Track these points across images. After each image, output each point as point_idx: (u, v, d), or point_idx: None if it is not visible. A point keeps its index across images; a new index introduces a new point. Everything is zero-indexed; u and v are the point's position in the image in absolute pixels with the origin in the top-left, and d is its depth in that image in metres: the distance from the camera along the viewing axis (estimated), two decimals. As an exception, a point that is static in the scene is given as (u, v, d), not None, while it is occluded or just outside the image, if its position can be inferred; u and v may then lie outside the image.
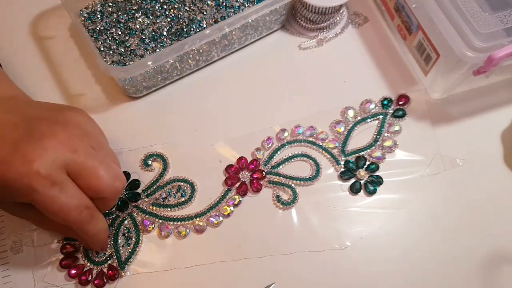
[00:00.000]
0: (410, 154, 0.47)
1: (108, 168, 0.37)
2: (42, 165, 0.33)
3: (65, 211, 0.34)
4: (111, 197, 0.37)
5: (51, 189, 0.33)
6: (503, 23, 0.42)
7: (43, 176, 0.33)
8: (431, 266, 0.42)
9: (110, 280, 0.41)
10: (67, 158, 0.34)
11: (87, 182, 0.35)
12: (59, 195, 0.34)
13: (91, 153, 0.36)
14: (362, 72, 0.51)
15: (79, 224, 0.36)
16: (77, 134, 0.36)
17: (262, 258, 0.42)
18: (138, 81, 0.47)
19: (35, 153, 0.33)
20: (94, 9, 0.50)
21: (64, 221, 0.35)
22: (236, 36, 0.49)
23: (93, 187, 0.36)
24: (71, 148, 0.35)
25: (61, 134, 0.35)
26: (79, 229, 0.36)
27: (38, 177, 0.33)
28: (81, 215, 0.35)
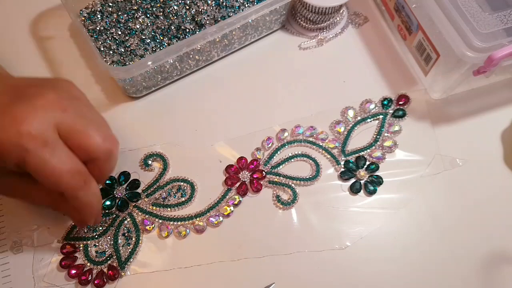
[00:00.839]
0: (410, 154, 0.47)
1: (98, 127, 0.36)
2: (33, 124, 0.32)
3: (57, 174, 0.33)
4: (103, 157, 0.36)
5: (43, 149, 0.32)
6: (503, 23, 0.42)
7: (34, 136, 0.32)
8: (431, 266, 0.42)
9: (110, 280, 0.41)
10: (57, 117, 0.34)
11: (78, 141, 0.34)
12: (51, 156, 0.33)
13: (81, 113, 0.35)
14: (362, 72, 0.51)
15: (71, 189, 0.34)
16: (66, 96, 0.36)
17: (262, 258, 0.42)
18: (138, 81, 0.47)
19: (25, 113, 0.33)
20: (94, 9, 0.50)
21: (55, 184, 0.34)
22: (236, 36, 0.49)
23: (84, 146, 0.34)
24: (60, 107, 0.34)
25: (50, 95, 0.34)
26: (71, 195, 0.35)
27: (29, 137, 0.32)
28: (74, 179, 0.34)
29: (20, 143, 0.32)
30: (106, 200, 0.44)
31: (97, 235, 0.43)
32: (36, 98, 0.34)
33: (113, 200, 0.44)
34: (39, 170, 0.33)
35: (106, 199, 0.44)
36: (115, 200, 0.44)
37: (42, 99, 0.34)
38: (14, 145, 0.32)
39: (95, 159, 0.35)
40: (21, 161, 0.32)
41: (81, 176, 0.35)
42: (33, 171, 0.33)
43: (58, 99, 0.34)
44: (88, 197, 0.36)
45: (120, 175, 0.45)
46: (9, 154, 0.32)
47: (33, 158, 0.32)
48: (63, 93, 0.36)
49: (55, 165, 0.33)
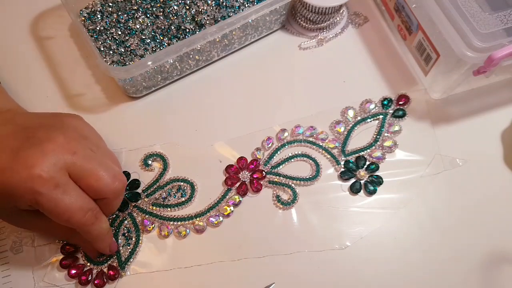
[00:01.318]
0: (410, 154, 0.47)
1: (107, 168, 0.37)
2: (44, 168, 0.34)
3: (70, 213, 0.35)
4: (112, 197, 0.38)
5: (54, 191, 0.34)
6: (503, 23, 0.42)
7: (45, 179, 0.34)
8: (431, 266, 0.42)
9: (110, 280, 0.41)
10: (67, 160, 0.35)
11: (88, 183, 0.36)
12: (63, 196, 0.34)
13: (90, 155, 0.37)
14: (362, 72, 0.51)
15: (83, 225, 0.36)
16: (75, 137, 0.37)
17: (262, 258, 0.42)
18: (138, 81, 0.47)
19: (36, 158, 0.34)
20: (94, 9, 0.50)
21: (68, 222, 0.35)
22: (236, 36, 0.49)
23: (94, 188, 0.36)
24: (70, 150, 0.35)
25: (59, 138, 0.36)
26: (83, 231, 0.37)
27: (40, 180, 0.33)
28: (85, 216, 0.36)
29: (32, 187, 0.33)
30: (106, 200, 0.44)
31: (97, 235, 0.43)
32: (45, 142, 0.35)
33: (113, 200, 0.44)
34: (52, 210, 0.34)
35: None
36: (115, 200, 0.44)
37: (51, 143, 0.35)
38: (27, 189, 0.33)
39: (105, 198, 0.37)
40: (33, 202, 0.34)
41: (93, 212, 0.36)
42: (46, 211, 0.35)
43: (67, 141, 0.36)
44: (99, 230, 0.38)
45: (120, 175, 0.45)
46: (22, 196, 0.34)
47: (45, 199, 0.34)
48: (72, 134, 0.37)
49: (67, 205, 0.34)
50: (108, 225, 0.39)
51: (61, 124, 0.38)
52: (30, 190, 0.33)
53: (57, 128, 0.37)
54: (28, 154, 0.34)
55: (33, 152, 0.34)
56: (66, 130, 0.37)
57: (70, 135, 0.37)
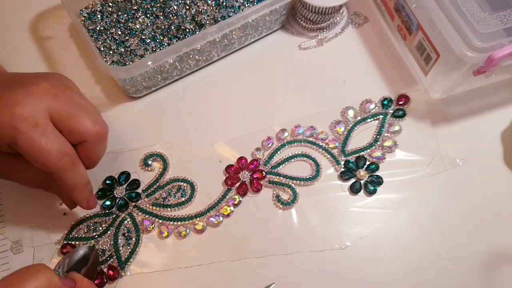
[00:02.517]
0: (410, 154, 0.47)
1: (89, 113, 0.38)
2: (25, 107, 0.35)
3: (46, 154, 0.35)
4: (93, 140, 0.38)
5: (33, 130, 0.34)
6: (503, 23, 0.42)
7: (26, 117, 0.34)
8: (431, 266, 0.42)
9: (110, 280, 0.41)
10: (49, 103, 0.36)
11: (69, 125, 0.36)
12: (41, 137, 0.35)
13: (72, 100, 0.38)
14: (362, 72, 0.51)
15: (58, 170, 0.36)
16: (59, 85, 0.38)
17: (262, 258, 0.42)
18: (138, 81, 0.47)
19: (19, 97, 0.35)
20: (94, 9, 0.50)
21: (44, 165, 0.35)
22: (236, 36, 0.49)
23: (74, 130, 0.37)
24: (53, 94, 0.36)
25: (43, 83, 0.37)
26: (58, 176, 0.37)
27: (21, 118, 0.34)
28: (61, 160, 0.36)
29: (13, 124, 0.34)
30: (106, 200, 0.44)
31: (97, 235, 0.43)
32: (29, 85, 0.36)
33: (113, 200, 0.44)
34: (29, 149, 0.35)
35: (106, 199, 0.44)
36: (115, 200, 0.44)
37: (35, 86, 0.36)
38: (7, 126, 0.34)
39: (85, 142, 0.38)
40: (12, 141, 0.35)
41: (69, 158, 0.36)
42: (23, 151, 0.35)
43: (51, 87, 0.37)
44: (75, 178, 0.37)
45: (120, 175, 0.45)
46: (2, 133, 0.34)
47: (23, 138, 0.34)
48: (55, 82, 0.38)
49: (44, 145, 0.35)
50: (86, 176, 0.39)
51: (46, 75, 0.39)
52: (10, 127, 0.34)
53: (42, 76, 0.38)
54: (11, 93, 0.35)
55: (17, 93, 0.35)
56: (51, 79, 0.38)
57: (54, 83, 0.38)
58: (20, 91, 0.35)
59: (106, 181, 0.45)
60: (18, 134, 0.34)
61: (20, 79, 0.38)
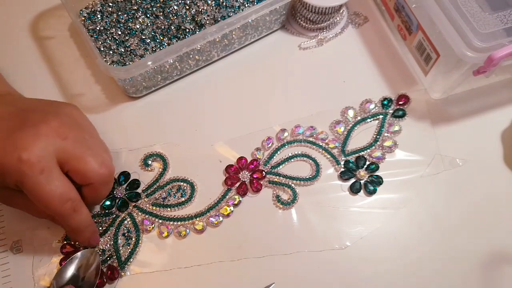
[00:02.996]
0: (410, 154, 0.47)
1: (96, 154, 0.38)
2: (33, 151, 0.35)
3: (48, 200, 0.36)
4: (98, 183, 0.38)
5: (39, 176, 0.35)
6: (503, 23, 0.42)
7: (33, 162, 0.35)
8: (431, 266, 0.42)
9: (110, 280, 0.41)
10: (57, 145, 0.36)
11: (74, 166, 0.37)
12: (46, 183, 0.35)
13: (81, 141, 0.38)
14: (362, 72, 0.51)
15: (60, 215, 0.37)
16: (69, 123, 0.38)
17: (262, 258, 0.42)
18: (138, 81, 0.47)
19: (28, 140, 0.35)
20: (94, 9, 0.50)
21: (46, 209, 0.36)
22: (236, 36, 0.49)
23: (80, 171, 0.37)
24: (62, 135, 0.37)
25: (52, 122, 0.37)
26: (60, 220, 0.38)
27: (28, 163, 0.35)
28: (64, 206, 0.36)
29: (20, 168, 0.35)
30: (106, 200, 0.44)
31: (97, 235, 0.43)
32: (39, 125, 0.36)
33: (113, 200, 0.44)
34: (34, 193, 0.35)
35: (106, 199, 0.44)
36: (115, 200, 0.44)
37: (45, 126, 0.36)
38: (15, 169, 0.35)
39: (91, 184, 0.38)
40: (19, 182, 0.35)
41: (72, 203, 0.37)
42: (28, 193, 0.36)
43: (60, 126, 0.37)
44: (77, 223, 0.38)
45: (120, 175, 0.45)
46: (10, 175, 0.35)
47: (29, 182, 0.35)
48: (66, 120, 0.38)
49: (47, 192, 0.35)
50: (89, 219, 0.40)
51: (57, 110, 0.39)
52: (18, 171, 0.35)
53: (53, 112, 0.38)
54: (21, 135, 0.36)
55: (26, 134, 0.36)
56: (61, 116, 0.38)
57: (64, 121, 0.38)
58: (29, 132, 0.36)
59: (106, 181, 0.45)
60: (24, 178, 0.35)
61: (30, 114, 0.38)
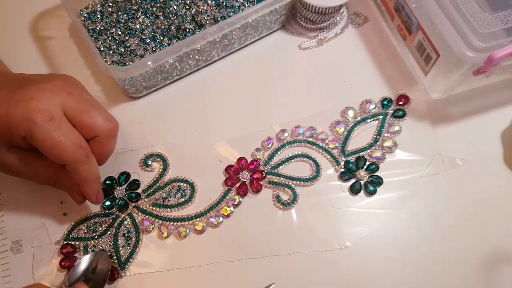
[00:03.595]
0: (410, 154, 0.47)
1: (101, 110, 0.39)
2: (40, 100, 0.35)
3: (62, 145, 0.36)
4: (105, 135, 0.39)
5: (49, 122, 0.35)
6: (503, 23, 0.42)
7: (42, 110, 0.35)
8: (431, 266, 0.42)
9: (110, 280, 0.41)
10: (63, 99, 0.37)
11: (81, 120, 0.37)
12: (56, 129, 0.35)
13: (84, 98, 0.39)
14: (362, 72, 0.51)
15: (73, 161, 0.37)
16: (71, 84, 0.39)
17: (262, 259, 0.42)
18: (138, 81, 0.47)
19: (33, 93, 0.36)
20: (94, 9, 0.50)
21: (59, 157, 0.36)
22: (236, 36, 0.49)
23: (87, 124, 0.38)
24: (66, 91, 0.37)
25: (56, 81, 0.38)
26: (73, 169, 0.37)
27: (37, 111, 0.35)
28: (77, 152, 0.37)
29: (29, 116, 0.35)
30: (106, 200, 0.44)
31: (97, 235, 0.43)
32: (43, 82, 0.37)
33: (113, 201, 0.44)
34: (45, 141, 0.35)
35: (106, 199, 0.44)
36: (115, 200, 0.44)
37: (49, 84, 0.37)
38: (23, 118, 0.35)
39: (97, 137, 0.39)
40: (28, 133, 0.35)
41: (84, 151, 0.37)
42: (39, 142, 0.35)
43: (63, 84, 0.38)
44: (88, 171, 0.38)
45: (120, 176, 0.45)
46: (18, 126, 0.35)
47: (40, 129, 0.35)
48: (67, 81, 0.39)
49: (59, 137, 0.36)
50: (97, 170, 0.40)
51: (57, 75, 0.41)
52: (26, 119, 0.35)
53: (54, 75, 0.40)
54: (25, 89, 0.36)
55: (31, 88, 0.36)
56: (62, 78, 0.39)
57: (66, 82, 0.39)
58: (34, 87, 0.36)
59: (106, 181, 0.45)
60: (34, 126, 0.35)
61: (32, 78, 0.39)
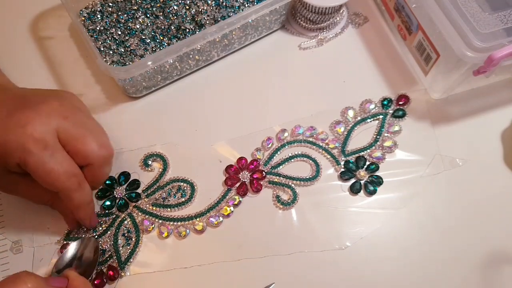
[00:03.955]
0: (410, 154, 0.47)
1: (96, 136, 0.39)
2: (36, 127, 0.35)
3: (54, 175, 0.36)
4: (98, 163, 0.39)
5: (43, 152, 0.35)
6: (503, 23, 0.42)
7: (36, 138, 0.35)
8: (431, 266, 0.42)
9: (110, 280, 0.41)
10: (58, 124, 0.36)
11: (75, 147, 0.37)
12: (50, 158, 0.35)
13: (80, 122, 0.38)
14: (362, 72, 0.51)
15: (66, 190, 0.37)
16: (68, 106, 0.39)
17: (262, 258, 0.42)
18: (138, 81, 0.47)
19: (29, 117, 0.36)
20: (94, 9, 0.50)
21: (51, 185, 0.36)
22: (236, 36, 0.49)
23: (81, 152, 0.37)
24: (62, 114, 0.37)
25: (53, 103, 0.37)
26: (66, 196, 0.37)
27: (31, 139, 0.35)
28: (69, 180, 0.37)
29: (23, 144, 0.35)
30: (106, 200, 0.44)
31: (97, 235, 0.43)
32: (40, 104, 0.37)
33: (113, 200, 0.44)
34: (38, 170, 0.35)
35: (106, 199, 0.44)
36: (115, 200, 0.44)
37: (45, 105, 0.37)
38: (18, 146, 0.35)
39: (91, 165, 0.38)
40: (22, 161, 0.35)
41: (76, 179, 0.37)
42: (32, 171, 0.35)
43: (61, 107, 0.38)
44: (81, 198, 0.38)
45: (120, 175, 0.45)
46: (12, 153, 0.35)
47: (34, 159, 0.35)
48: (65, 102, 0.39)
49: (53, 167, 0.35)
50: (91, 196, 0.40)
51: (56, 94, 0.40)
52: (21, 148, 0.35)
53: (53, 96, 0.39)
54: (22, 113, 0.36)
55: (27, 112, 0.36)
56: (61, 98, 0.39)
57: (64, 102, 0.39)
58: (30, 110, 0.36)
59: (106, 181, 0.45)
60: (28, 156, 0.35)
61: (30, 97, 0.38)
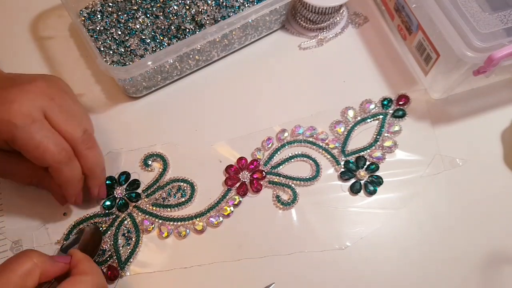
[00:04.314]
0: (410, 154, 0.47)
1: (80, 120, 0.39)
2: (22, 103, 0.35)
3: (44, 147, 0.36)
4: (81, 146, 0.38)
5: (31, 126, 0.35)
6: (503, 23, 0.42)
7: (23, 113, 0.35)
8: (431, 266, 0.42)
9: (110, 280, 0.41)
10: (44, 103, 0.37)
11: (59, 127, 0.37)
12: (39, 132, 0.36)
13: (66, 105, 0.39)
14: (362, 72, 0.51)
15: (56, 163, 0.37)
16: (55, 87, 0.39)
17: (262, 258, 0.42)
18: (138, 81, 0.47)
19: (16, 95, 0.36)
20: (94, 9, 0.50)
21: (41, 159, 0.36)
22: (236, 36, 0.49)
23: (63, 133, 0.37)
24: (49, 95, 0.37)
25: (40, 83, 0.38)
26: (55, 170, 0.37)
27: (18, 114, 0.35)
28: (60, 154, 0.37)
29: (10, 120, 0.35)
30: (106, 200, 0.44)
31: (97, 235, 0.43)
32: (26, 84, 0.37)
33: (113, 200, 0.44)
34: (27, 144, 0.35)
35: (106, 199, 0.44)
36: (115, 200, 0.44)
37: (32, 85, 0.37)
38: (5, 122, 0.35)
39: (75, 147, 0.38)
40: (10, 136, 0.35)
41: (66, 153, 0.37)
42: (21, 146, 0.36)
43: (48, 88, 0.38)
44: (71, 172, 0.38)
45: (120, 175, 0.45)
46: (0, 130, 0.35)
47: (21, 133, 0.35)
48: (51, 84, 0.39)
49: (42, 139, 0.36)
50: (80, 171, 0.39)
51: (43, 76, 0.40)
52: (7, 123, 0.35)
53: (39, 76, 0.39)
54: (9, 92, 0.36)
55: (14, 90, 0.36)
56: (47, 80, 0.39)
57: (51, 84, 0.39)
58: (17, 89, 0.36)
59: (106, 181, 0.45)
60: (16, 130, 0.35)
61: (17, 78, 0.38)
